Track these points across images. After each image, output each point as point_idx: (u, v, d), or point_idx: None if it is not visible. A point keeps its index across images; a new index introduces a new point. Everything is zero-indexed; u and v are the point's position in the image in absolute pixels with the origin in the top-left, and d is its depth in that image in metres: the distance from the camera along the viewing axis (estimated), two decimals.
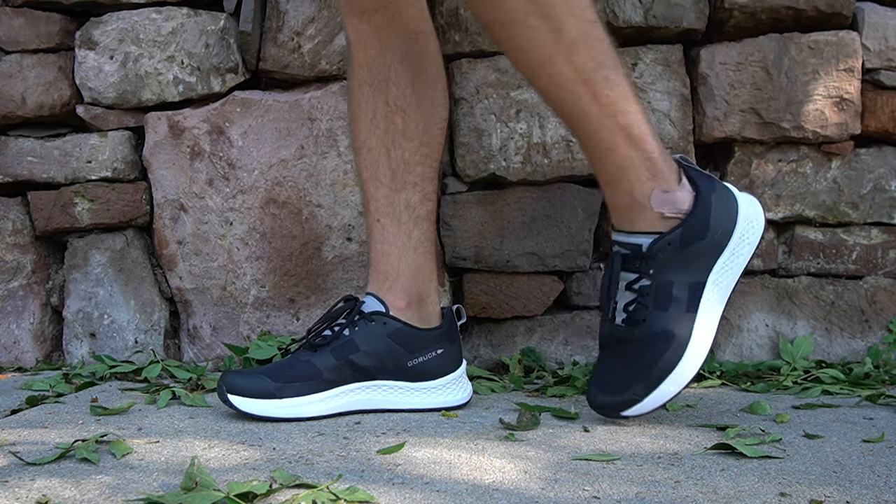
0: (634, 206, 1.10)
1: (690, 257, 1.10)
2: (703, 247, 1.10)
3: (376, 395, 1.19)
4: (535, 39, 1.05)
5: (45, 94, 1.62)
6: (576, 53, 1.05)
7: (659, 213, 1.10)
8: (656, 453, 0.99)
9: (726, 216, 1.12)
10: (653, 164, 1.09)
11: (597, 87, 1.06)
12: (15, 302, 1.66)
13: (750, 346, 1.56)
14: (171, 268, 1.60)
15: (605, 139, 1.09)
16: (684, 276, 1.10)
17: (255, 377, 1.14)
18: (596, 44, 1.06)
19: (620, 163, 1.09)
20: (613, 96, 1.07)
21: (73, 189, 1.61)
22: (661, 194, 1.09)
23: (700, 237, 1.10)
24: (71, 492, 0.82)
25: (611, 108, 1.07)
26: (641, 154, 1.09)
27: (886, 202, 1.55)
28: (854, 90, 1.51)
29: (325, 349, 1.17)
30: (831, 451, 1.00)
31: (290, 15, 1.57)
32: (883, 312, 1.56)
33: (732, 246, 1.12)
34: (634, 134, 1.08)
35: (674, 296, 1.10)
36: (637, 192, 1.10)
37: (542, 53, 1.06)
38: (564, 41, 1.05)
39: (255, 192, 1.57)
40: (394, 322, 1.20)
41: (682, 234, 1.09)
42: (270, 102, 1.57)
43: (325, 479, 0.86)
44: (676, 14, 1.50)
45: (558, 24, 1.04)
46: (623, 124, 1.07)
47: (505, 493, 0.83)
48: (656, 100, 1.52)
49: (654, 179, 1.09)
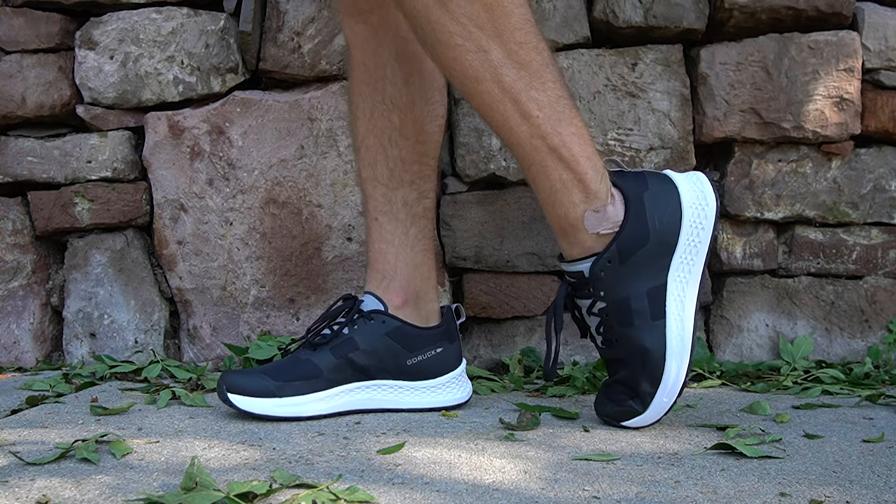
0: (569, 230, 1.08)
1: (639, 266, 1.07)
2: (650, 251, 1.07)
3: (376, 395, 1.19)
4: (461, 57, 1.03)
5: (45, 94, 1.62)
6: (503, 73, 1.03)
7: (595, 234, 1.07)
8: (656, 453, 0.99)
9: (668, 211, 1.08)
10: (585, 185, 1.06)
11: (526, 108, 1.04)
12: (15, 302, 1.66)
13: (750, 346, 1.56)
14: (171, 268, 1.60)
15: (536, 161, 1.06)
16: (640, 286, 1.07)
17: (256, 376, 1.14)
18: (526, 63, 1.04)
19: (553, 185, 1.07)
20: (543, 117, 1.04)
21: (73, 189, 1.61)
22: (594, 214, 1.07)
23: (641, 244, 1.07)
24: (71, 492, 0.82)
25: (540, 130, 1.05)
26: (573, 176, 1.06)
27: (886, 202, 1.55)
28: (854, 90, 1.51)
29: (325, 348, 1.17)
30: (831, 451, 1.00)
31: (290, 15, 1.57)
32: (883, 312, 1.56)
33: (685, 237, 1.08)
34: (565, 156, 1.05)
35: (634, 309, 1.06)
36: (571, 215, 1.07)
37: (470, 72, 1.04)
38: (491, 60, 1.02)
39: (255, 192, 1.57)
40: (392, 320, 1.19)
41: (618, 249, 1.07)
42: (270, 102, 1.57)
43: (325, 479, 0.86)
44: (676, 14, 1.50)
45: (484, 43, 1.02)
46: (553, 146, 1.05)
47: (505, 493, 0.83)
48: (656, 100, 1.52)
49: (586, 201, 1.07)
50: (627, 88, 1.52)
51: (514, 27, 1.03)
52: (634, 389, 1.08)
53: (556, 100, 1.06)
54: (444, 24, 1.02)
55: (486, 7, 1.01)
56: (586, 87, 1.52)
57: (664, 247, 1.08)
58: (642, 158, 1.52)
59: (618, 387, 1.11)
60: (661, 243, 1.08)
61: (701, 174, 1.13)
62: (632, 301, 1.07)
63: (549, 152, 1.06)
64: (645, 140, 1.52)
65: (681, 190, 1.10)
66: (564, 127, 1.06)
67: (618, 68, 1.52)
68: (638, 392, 1.08)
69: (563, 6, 1.51)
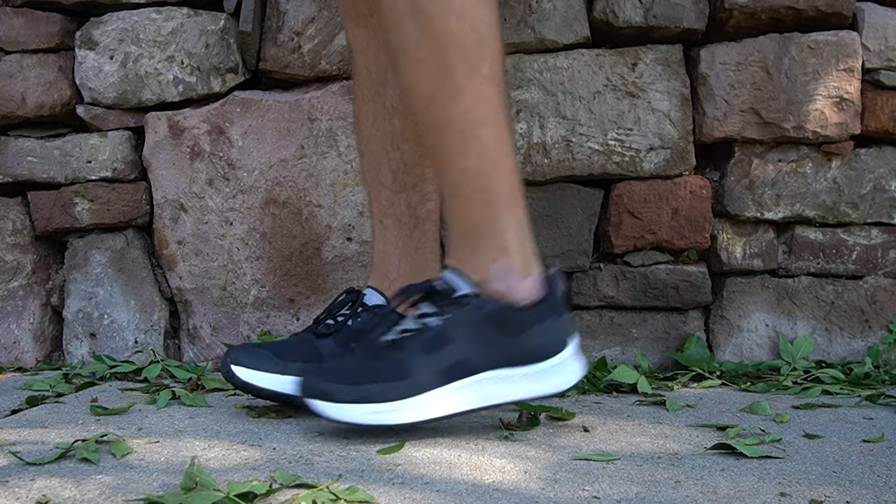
0: (468, 256, 1.05)
1: (484, 338, 1.02)
2: (502, 342, 1.03)
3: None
4: (421, 74, 1.01)
5: (45, 94, 1.62)
6: (456, 102, 1.00)
7: (490, 277, 1.03)
8: (656, 453, 0.99)
9: (545, 344, 1.05)
10: (503, 241, 1.03)
11: (468, 144, 1.01)
12: (15, 302, 1.65)
13: (750, 346, 1.56)
14: (171, 268, 1.60)
15: (463, 194, 1.03)
16: (463, 346, 1.02)
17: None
18: (481, 99, 1.01)
19: (470, 222, 1.04)
20: (481, 160, 1.02)
21: (73, 189, 1.61)
22: (503, 269, 1.03)
23: (508, 333, 1.03)
24: (71, 492, 0.82)
25: (475, 170, 1.02)
26: (491, 226, 1.03)
27: (886, 202, 1.55)
28: (854, 90, 1.51)
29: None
30: (831, 451, 1.00)
31: (290, 15, 1.57)
32: (883, 312, 1.56)
33: (524, 371, 1.04)
34: (493, 202, 1.03)
35: (442, 352, 1.01)
36: (480, 253, 1.03)
37: (426, 91, 1.01)
38: (447, 87, 1.00)
39: (255, 192, 1.57)
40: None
41: (495, 311, 1.02)
42: (270, 102, 1.57)
43: (325, 479, 0.86)
44: (676, 14, 1.50)
45: (448, 65, 0.99)
46: (485, 188, 1.02)
47: (505, 493, 0.83)
48: (656, 100, 1.52)
49: (503, 256, 1.03)
50: (627, 88, 1.52)
51: (484, 57, 1.01)
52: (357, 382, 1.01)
53: (502, 144, 1.03)
54: (411, 33, 1.00)
55: (456, 32, 0.99)
56: (586, 87, 1.52)
57: (510, 356, 1.04)
58: (642, 158, 1.52)
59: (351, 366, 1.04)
60: (513, 349, 1.04)
61: (578, 374, 1.08)
62: (444, 349, 1.02)
63: (478, 192, 1.03)
64: (645, 140, 1.52)
65: (564, 356, 1.07)
66: (501, 175, 1.03)
67: (618, 68, 1.52)
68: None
69: (563, 6, 1.51)
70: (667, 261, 1.56)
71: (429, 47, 1.00)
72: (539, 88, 1.52)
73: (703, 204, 1.53)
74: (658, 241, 1.54)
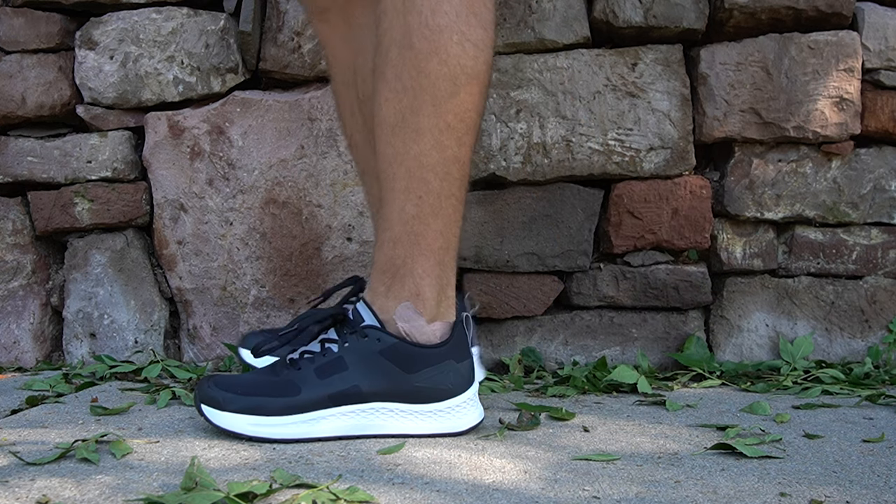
0: (381, 293, 1.05)
1: (380, 371, 1.03)
2: (397, 378, 1.04)
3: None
4: (392, 103, 1.02)
5: (45, 94, 1.62)
6: (414, 142, 1.01)
7: (396, 315, 1.04)
8: (656, 453, 0.99)
9: (442, 386, 1.05)
10: (418, 287, 1.04)
11: (413, 185, 1.02)
12: (15, 302, 1.66)
13: (750, 346, 1.56)
14: (171, 268, 1.60)
15: (395, 230, 1.04)
16: (357, 375, 1.03)
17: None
18: (438, 147, 1.01)
19: (394, 259, 1.04)
20: (421, 205, 1.03)
21: (73, 189, 1.61)
22: (410, 311, 1.04)
23: (404, 370, 1.04)
24: (71, 492, 0.82)
25: (413, 211, 1.03)
26: (410, 269, 1.04)
27: (886, 202, 1.55)
28: (854, 90, 1.51)
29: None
30: (831, 451, 1.00)
31: (290, 15, 1.57)
32: (883, 312, 1.56)
33: (416, 409, 1.05)
34: (420, 245, 1.03)
35: (334, 377, 1.03)
36: (393, 291, 1.04)
37: (390, 120, 1.02)
38: (410, 124, 1.01)
39: (255, 192, 1.57)
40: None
41: (392, 346, 1.03)
42: (270, 102, 1.57)
43: (325, 479, 0.86)
44: (676, 14, 1.50)
45: (418, 105, 1.00)
46: (416, 231, 1.03)
47: (505, 493, 0.83)
48: (656, 100, 1.52)
49: (414, 298, 1.04)
50: (627, 88, 1.52)
51: (451, 109, 1.01)
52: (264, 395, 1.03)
53: (449, 198, 1.04)
54: (393, 66, 1.01)
55: (434, 76, 1.00)
56: (586, 87, 1.52)
57: (407, 392, 1.04)
58: (642, 158, 1.52)
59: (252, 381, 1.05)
60: (412, 385, 1.04)
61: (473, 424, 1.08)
62: (336, 375, 1.03)
63: (409, 234, 1.03)
64: (645, 140, 1.52)
65: (464, 402, 1.07)
66: (435, 225, 1.03)
67: (618, 68, 1.52)
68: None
69: (563, 6, 1.51)
70: (667, 261, 1.56)
71: (405, 82, 1.01)
72: (539, 88, 1.52)
73: (703, 204, 1.53)
74: (658, 241, 1.54)
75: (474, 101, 1.03)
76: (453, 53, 1.00)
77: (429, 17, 0.99)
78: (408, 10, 1.00)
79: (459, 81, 1.00)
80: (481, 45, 1.02)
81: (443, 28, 0.99)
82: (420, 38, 0.99)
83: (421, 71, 1.00)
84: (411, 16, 1.00)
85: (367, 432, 1.05)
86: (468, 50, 1.00)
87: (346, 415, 1.03)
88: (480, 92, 1.03)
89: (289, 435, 1.02)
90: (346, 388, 1.03)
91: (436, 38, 0.99)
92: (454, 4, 1.00)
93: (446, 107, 1.01)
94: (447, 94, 1.00)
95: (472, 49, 1.01)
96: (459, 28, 1.00)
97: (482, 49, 1.02)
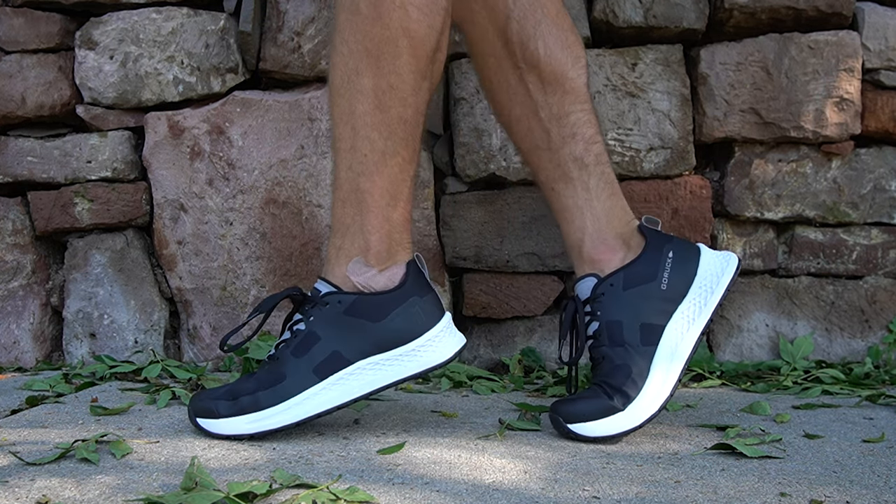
0: (332, 259, 1.08)
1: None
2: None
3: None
4: (339, 67, 1.06)
5: (45, 94, 1.62)
6: (358, 102, 1.05)
7: (347, 272, 1.06)
8: (656, 453, 0.99)
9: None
10: (367, 242, 1.06)
11: (358, 143, 1.05)
12: (15, 302, 1.66)
13: (750, 346, 1.56)
14: (171, 268, 1.60)
15: (343, 189, 1.07)
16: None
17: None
18: (381, 108, 1.05)
19: (343, 219, 1.07)
20: (366, 162, 1.05)
21: (73, 189, 1.61)
22: (360, 265, 1.06)
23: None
24: (71, 492, 0.82)
25: (358, 168, 1.06)
26: (359, 226, 1.06)
27: (886, 202, 1.55)
28: (854, 90, 1.51)
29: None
30: (831, 451, 1.00)
31: (290, 15, 1.57)
32: (883, 312, 1.56)
33: (397, 353, 1.06)
34: (366, 202, 1.06)
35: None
36: (343, 251, 1.07)
37: (336, 83, 1.06)
38: (355, 85, 1.05)
39: (255, 192, 1.57)
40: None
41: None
42: (270, 102, 1.57)
43: (325, 479, 0.86)
44: (676, 14, 1.50)
45: (360, 68, 1.04)
46: (362, 188, 1.06)
47: (505, 493, 0.83)
48: (656, 100, 1.52)
49: (364, 253, 1.07)
50: (627, 88, 1.52)
51: (395, 69, 1.04)
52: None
53: (391, 157, 1.06)
54: (341, 29, 1.05)
55: (377, 37, 1.03)
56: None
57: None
58: (642, 158, 1.52)
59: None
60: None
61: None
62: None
63: (355, 190, 1.06)
64: (645, 140, 1.52)
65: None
66: (376, 180, 1.06)
67: (618, 68, 1.52)
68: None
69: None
70: None
71: (351, 45, 1.05)
72: None
73: (703, 204, 1.53)
74: None
75: (418, 65, 1.05)
76: (395, 17, 1.03)
77: None
78: None
79: (401, 44, 1.03)
80: (426, 10, 1.04)
81: None
82: (366, 3, 1.03)
83: (366, 34, 1.03)
84: None
85: (363, 392, 1.05)
86: (412, 13, 1.03)
87: (336, 383, 1.04)
88: (427, 55, 1.05)
89: (289, 421, 1.03)
90: (325, 356, 1.04)
91: (379, 2, 1.03)
92: None
93: (388, 68, 1.04)
94: (390, 56, 1.03)
95: (415, 12, 1.03)
96: None
97: (427, 13, 1.04)
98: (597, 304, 1.12)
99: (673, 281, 1.12)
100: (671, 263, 1.13)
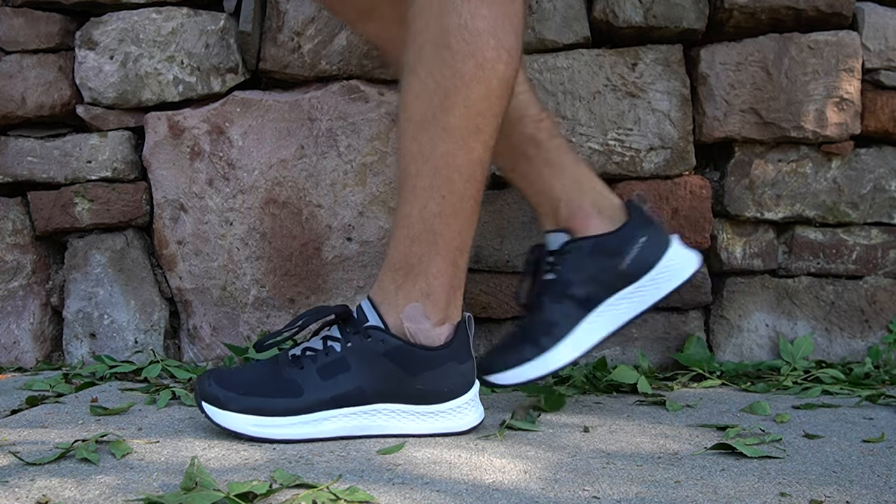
0: (390, 293, 1.06)
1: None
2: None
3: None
4: (423, 100, 1.02)
5: (45, 94, 1.62)
6: (443, 141, 1.02)
7: (402, 315, 1.05)
8: (656, 453, 0.99)
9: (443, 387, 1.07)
10: (429, 287, 1.05)
11: (439, 184, 1.02)
12: (15, 302, 1.66)
13: (750, 346, 1.56)
14: (171, 268, 1.60)
15: (415, 227, 1.04)
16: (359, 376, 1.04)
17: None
18: (466, 148, 1.02)
19: (409, 257, 1.05)
20: (444, 204, 1.03)
21: (73, 189, 1.61)
22: (418, 312, 1.05)
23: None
24: (71, 492, 0.82)
25: (436, 209, 1.03)
26: (425, 269, 1.05)
27: (886, 202, 1.55)
28: (854, 90, 1.51)
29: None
30: (831, 451, 1.00)
31: (290, 15, 1.57)
32: (883, 312, 1.56)
33: (418, 410, 1.07)
34: (438, 245, 1.04)
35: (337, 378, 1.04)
36: (404, 289, 1.05)
37: (417, 117, 1.03)
38: (440, 122, 1.01)
39: (255, 192, 1.57)
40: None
41: (396, 348, 1.04)
42: (270, 102, 1.57)
43: (325, 479, 0.86)
44: (676, 14, 1.50)
45: (449, 104, 1.01)
46: (436, 230, 1.04)
47: (505, 493, 0.83)
48: (656, 100, 1.52)
49: (424, 298, 1.05)
50: (627, 88, 1.52)
51: (482, 111, 1.02)
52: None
53: (466, 199, 1.05)
54: (427, 63, 1.02)
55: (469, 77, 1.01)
56: (586, 87, 1.52)
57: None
58: (642, 158, 1.52)
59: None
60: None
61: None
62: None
63: (429, 230, 1.04)
64: (645, 140, 1.52)
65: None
66: (457, 225, 1.05)
67: (618, 68, 1.52)
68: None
69: (563, 6, 1.51)
70: None
71: (438, 80, 1.01)
72: (539, 88, 1.52)
73: (703, 204, 1.53)
74: None
75: (503, 108, 1.04)
76: (489, 58, 1.01)
77: (468, 19, 1.00)
78: (445, 12, 1.00)
79: (492, 86, 1.01)
80: (513, 53, 1.03)
81: (481, 31, 1.00)
82: (458, 39, 1.00)
83: (456, 72, 1.00)
84: (450, 17, 1.00)
85: (369, 433, 1.05)
86: (502, 56, 1.01)
87: (349, 416, 1.04)
88: (509, 99, 1.05)
89: (291, 436, 1.02)
90: (348, 389, 1.04)
91: (474, 40, 1.00)
92: (493, 10, 1.01)
93: (477, 109, 1.02)
94: (479, 97, 1.01)
95: (505, 55, 1.02)
96: (496, 34, 1.01)
97: (513, 57, 1.03)
98: (560, 258, 1.18)
99: (634, 264, 1.18)
100: (639, 248, 1.18)
